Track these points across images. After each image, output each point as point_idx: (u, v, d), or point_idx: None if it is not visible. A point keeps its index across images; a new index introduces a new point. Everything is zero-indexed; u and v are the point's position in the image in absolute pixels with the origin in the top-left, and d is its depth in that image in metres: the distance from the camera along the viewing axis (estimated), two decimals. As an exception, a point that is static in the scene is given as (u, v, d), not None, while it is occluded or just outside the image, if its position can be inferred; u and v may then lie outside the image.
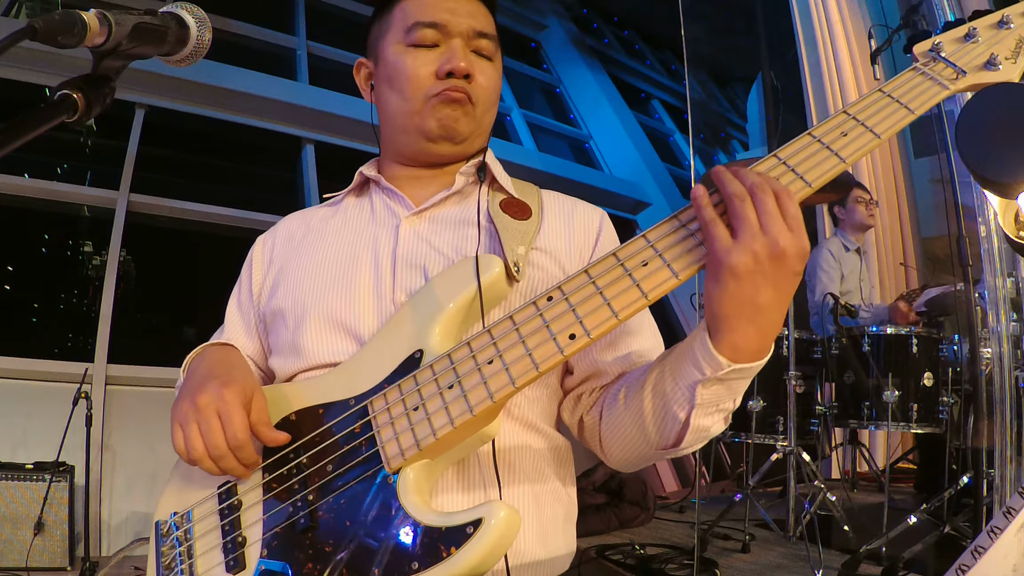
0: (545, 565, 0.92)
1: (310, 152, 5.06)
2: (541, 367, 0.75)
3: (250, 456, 0.84)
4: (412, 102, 0.98)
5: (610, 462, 0.95)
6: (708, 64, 9.04)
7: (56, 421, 2.98)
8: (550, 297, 0.78)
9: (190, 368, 0.99)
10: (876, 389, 3.01)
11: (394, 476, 0.78)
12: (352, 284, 0.97)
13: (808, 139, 0.78)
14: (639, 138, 7.69)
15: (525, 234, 0.95)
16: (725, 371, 0.74)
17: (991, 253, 2.51)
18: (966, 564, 0.87)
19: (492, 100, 1.03)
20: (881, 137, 0.77)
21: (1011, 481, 2.32)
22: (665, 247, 0.76)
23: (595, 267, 0.78)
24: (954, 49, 0.84)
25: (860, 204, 3.81)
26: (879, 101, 0.80)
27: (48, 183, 3.98)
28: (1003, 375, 2.42)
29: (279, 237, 1.12)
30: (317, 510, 0.81)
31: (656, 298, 0.76)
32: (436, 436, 0.76)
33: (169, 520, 0.92)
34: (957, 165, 2.68)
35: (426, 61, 0.98)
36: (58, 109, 0.61)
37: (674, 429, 0.82)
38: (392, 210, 1.03)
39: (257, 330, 1.09)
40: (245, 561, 0.83)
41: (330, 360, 0.94)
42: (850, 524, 2.84)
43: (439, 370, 0.80)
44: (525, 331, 0.77)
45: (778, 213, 0.71)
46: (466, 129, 0.99)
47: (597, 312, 0.75)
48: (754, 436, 3.09)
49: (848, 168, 0.76)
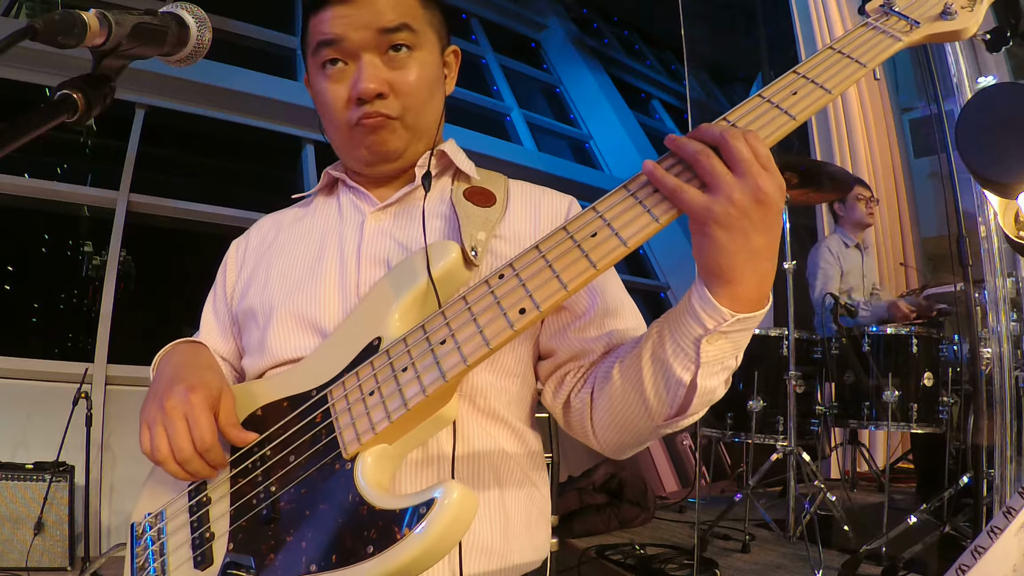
0: (507, 557, 0.89)
1: (310, 152, 5.06)
2: (492, 343, 0.75)
3: (218, 458, 0.83)
4: (340, 130, 0.97)
5: (601, 446, 0.92)
6: (708, 64, 9.03)
7: (56, 421, 2.99)
8: (501, 275, 0.78)
9: (159, 368, 0.98)
10: (876, 389, 3.01)
11: (351, 462, 0.78)
12: (318, 281, 0.96)
13: (758, 100, 0.77)
14: (639, 138, 7.69)
15: (487, 221, 0.94)
16: (729, 322, 0.72)
17: (991, 253, 2.51)
18: (966, 564, 0.87)
19: (423, 94, 0.96)
20: (832, 92, 0.76)
21: (1011, 481, 2.32)
22: (614, 216, 0.76)
23: (545, 242, 0.77)
24: (908, 3, 0.83)
25: (860, 202, 3.80)
26: (830, 58, 0.79)
27: (48, 183, 3.98)
28: (1003, 375, 2.42)
29: (252, 240, 1.12)
30: (279, 500, 0.81)
31: (605, 268, 0.75)
32: (391, 419, 0.76)
33: (143, 521, 0.92)
34: (957, 165, 2.68)
35: (338, 88, 0.94)
36: (58, 109, 0.61)
37: (679, 394, 0.79)
38: (358, 207, 1.02)
39: (232, 331, 1.09)
40: (212, 556, 0.83)
41: (295, 356, 0.93)
42: (850, 524, 2.84)
43: (394, 354, 0.80)
44: (476, 309, 0.77)
45: (752, 157, 0.69)
46: (398, 146, 0.96)
47: (546, 285, 0.75)
48: (754, 436, 3.09)
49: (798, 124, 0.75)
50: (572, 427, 0.95)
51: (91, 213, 4.14)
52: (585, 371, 0.94)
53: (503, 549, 0.89)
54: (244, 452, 0.86)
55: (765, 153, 0.70)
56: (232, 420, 0.86)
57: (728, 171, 0.69)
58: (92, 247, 4.06)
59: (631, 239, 0.74)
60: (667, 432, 0.87)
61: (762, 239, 0.70)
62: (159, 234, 4.31)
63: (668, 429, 0.85)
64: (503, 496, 0.91)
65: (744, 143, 0.69)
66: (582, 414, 0.92)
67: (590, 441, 0.93)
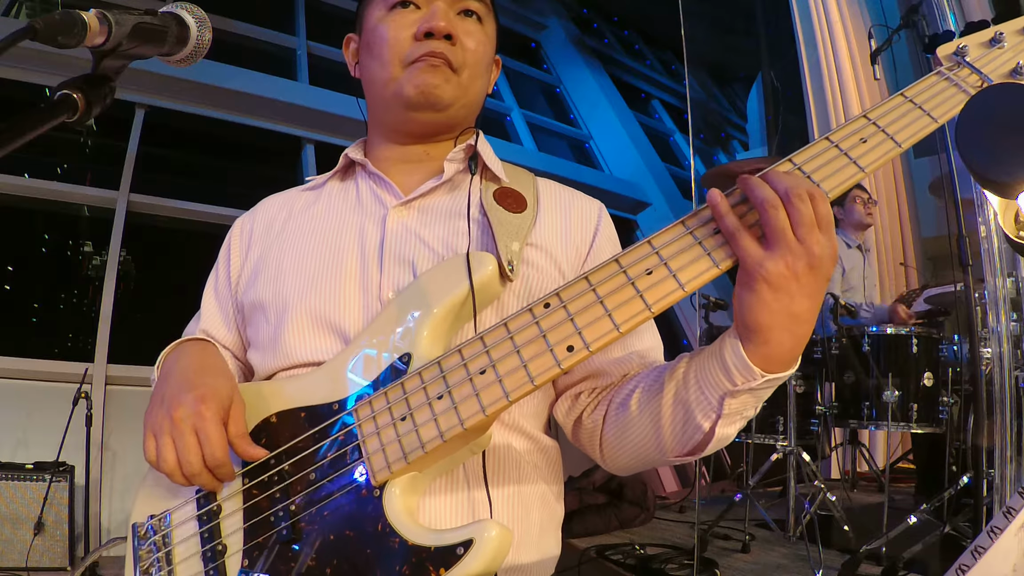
0: (527, 570, 0.88)
1: (310, 152, 5.05)
2: (537, 380, 0.71)
3: (228, 474, 0.80)
4: (390, 67, 0.92)
5: (607, 465, 0.91)
6: (708, 64, 9.04)
7: (56, 421, 2.98)
8: (547, 304, 0.73)
9: (164, 368, 0.93)
10: (876, 389, 3.01)
11: (380, 489, 0.74)
12: (338, 279, 0.91)
13: (826, 144, 0.73)
14: (639, 138, 7.69)
15: (520, 228, 0.89)
16: (759, 382, 0.71)
17: (991, 253, 2.51)
18: (966, 564, 0.87)
19: (480, 66, 0.95)
20: (902, 146, 0.72)
21: (1011, 481, 2.32)
22: (670, 255, 0.71)
23: (596, 273, 0.73)
24: (980, 54, 0.79)
25: (858, 203, 3.82)
26: (901, 106, 0.75)
27: (48, 183, 3.98)
28: (1003, 375, 2.42)
29: (258, 221, 1.05)
30: (299, 521, 0.77)
31: (660, 311, 0.71)
32: (425, 450, 0.73)
33: (146, 523, 0.88)
34: (957, 165, 2.68)
35: (405, 23, 0.91)
36: (58, 109, 0.61)
37: (695, 438, 0.79)
38: (379, 198, 0.97)
39: (235, 320, 1.03)
40: (226, 571, 0.80)
41: (313, 359, 0.88)
42: (850, 524, 2.84)
43: (428, 379, 0.76)
44: (520, 340, 0.73)
45: (814, 221, 0.67)
46: (448, 96, 0.92)
47: (598, 323, 0.71)
48: (754, 436, 3.10)
49: (865, 177, 0.72)
50: (581, 443, 0.94)
51: (91, 213, 4.14)
52: (600, 392, 0.93)
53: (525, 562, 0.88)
54: (260, 464, 0.82)
55: (827, 216, 0.68)
56: (242, 431, 0.82)
57: (791, 231, 0.67)
58: (92, 247, 4.07)
59: (689, 283, 0.70)
60: (674, 464, 0.87)
61: (806, 304, 0.69)
62: (159, 234, 4.31)
63: (676, 463, 0.86)
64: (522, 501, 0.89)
65: (808, 205, 0.67)
66: (593, 433, 0.91)
67: (596, 458, 0.92)
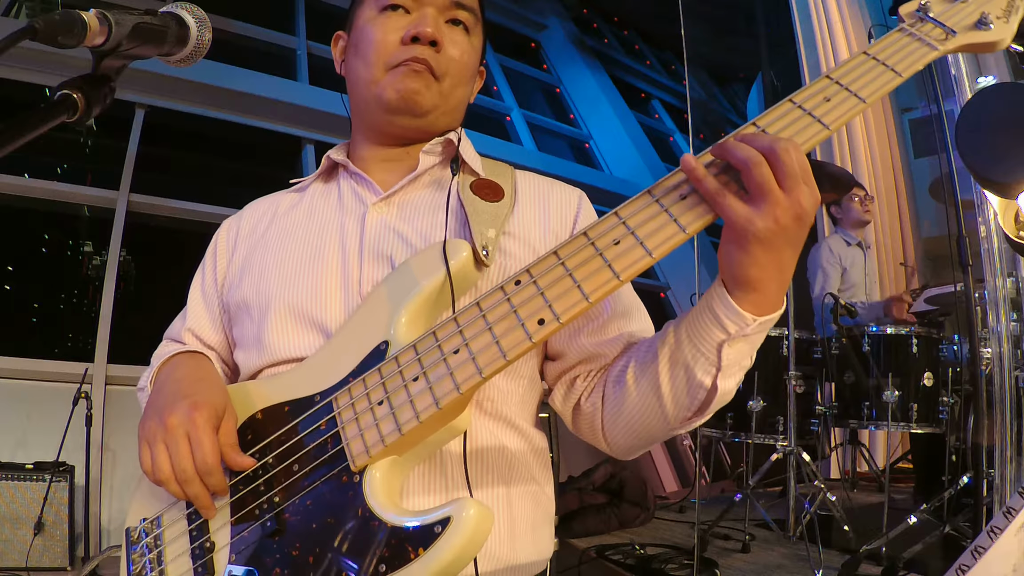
0: (518, 570, 0.87)
1: (310, 152, 5.06)
2: (509, 355, 0.71)
3: (219, 483, 0.80)
4: (374, 69, 0.93)
5: (611, 449, 0.91)
6: (708, 64, 9.04)
7: (56, 421, 2.99)
8: (518, 281, 0.74)
9: (158, 381, 0.95)
10: (876, 389, 3.01)
11: (359, 474, 0.75)
12: (318, 275, 0.92)
13: (789, 105, 0.74)
14: (639, 138, 7.70)
15: (495, 216, 0.90)
16: (752, 327, 0.73)
17: (991, 253, 2.51)
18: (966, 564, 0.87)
19: (463, 75, 0.97)
20: (867, 101, 0.73)
21: (1011, 481, 2.32)
22: (637, 224, 0.72)
23: (565, 248, 0.74)
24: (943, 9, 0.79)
25: (855, 200, 3.83)
26: (864, 64, 0.75)
27: (48, 183, 3.99)
28: (1003, 375, 2.42)
29: (244, 223, 1.07)
30: (283, 512, 0.78)
31: (629, 278, 0.71)
32: (402, 432, 0.73)
33: (139, 526, 0.89)
34: (957, 165, 2.68)
35: (394, 27, 0.93)
36: (58, 109, 0.61)
37: (699, 396, 0.79)
38: (359, 196, 0.98)
39: (222, 320, 1.04)
40: (214, 567, 0.80)
41: (295, 355, 0.89)
42: (850, 524, 2.84)
43: (404, 362, 0.76)
44: (492, 318, 0.73)
45: (798, 173, 0.67)
46: (428, 102, 0.93)
47: (567, 295, 0.71)
48: (754, 436, 3.09)
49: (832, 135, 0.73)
50: (581, 430, 0.94)
51: (91, 213, 4.15)
52: (596, 375, 0.93)
53: (509, 553, 0.87)
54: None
55: (807, 167, 0.68)
56: (231, 441, 0.82)
57: (778, 185, 0.67)
58: (92, 247, 4.07)
59: (656, 249, 0.71)
60: (679, 433, 0.87)
61: (791, 252, 0.70)
62: (159, 234, 4.31)
63: (681, 430, 0.85)
64: (510, 498, 0.89)
65: (793, 157, 0.67)
66: (593, 418, 0.90)
67: (599, 443, 0.92)
